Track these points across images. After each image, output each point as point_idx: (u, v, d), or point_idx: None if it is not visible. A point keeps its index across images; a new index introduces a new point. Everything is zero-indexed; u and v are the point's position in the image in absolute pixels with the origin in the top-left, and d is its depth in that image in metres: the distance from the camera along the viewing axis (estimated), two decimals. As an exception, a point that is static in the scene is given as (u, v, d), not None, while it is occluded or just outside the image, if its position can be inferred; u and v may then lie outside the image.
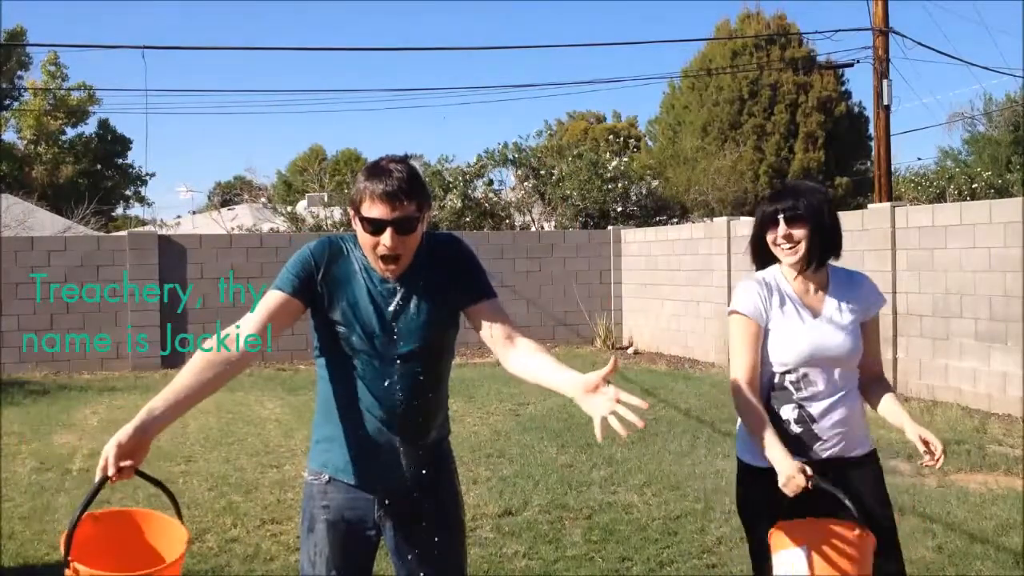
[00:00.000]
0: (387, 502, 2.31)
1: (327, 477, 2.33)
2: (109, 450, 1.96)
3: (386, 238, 2.19)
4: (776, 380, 2.65)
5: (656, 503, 5.38)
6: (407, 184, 2.19)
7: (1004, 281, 8.13)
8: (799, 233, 2.60)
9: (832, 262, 2.73)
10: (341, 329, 2.26)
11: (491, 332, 2.30)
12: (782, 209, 2.62)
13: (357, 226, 2.24)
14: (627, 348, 13.84)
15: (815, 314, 2.66)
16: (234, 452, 6.94)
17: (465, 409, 8.70)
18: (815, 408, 2.63)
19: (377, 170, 2.22)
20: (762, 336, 2.63)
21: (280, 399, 9.69)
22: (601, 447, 6.86)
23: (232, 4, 74.85)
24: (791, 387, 2.64)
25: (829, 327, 2.65)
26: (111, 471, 1.95)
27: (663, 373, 11.24)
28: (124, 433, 1.96)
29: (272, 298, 2.23)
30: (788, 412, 2.64)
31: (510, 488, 5.72)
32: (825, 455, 2.62)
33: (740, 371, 2.60)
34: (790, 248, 2.62)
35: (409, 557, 2.34)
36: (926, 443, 2.58)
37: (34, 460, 6.76)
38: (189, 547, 2.10)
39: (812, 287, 2.70)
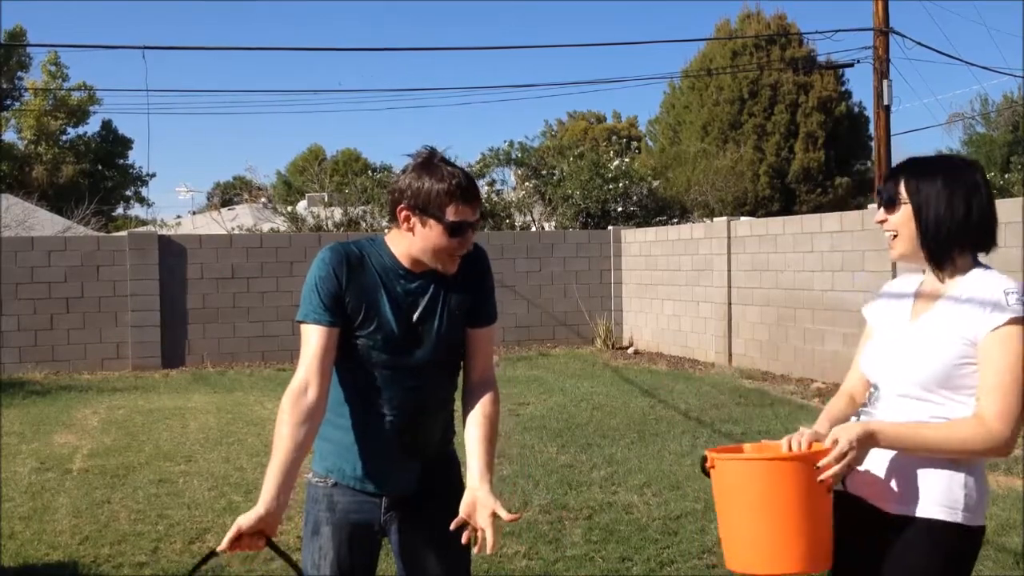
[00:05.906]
0: (393, 505, 2.30)
1: (333, 481, 2.31)
2: (241, 521, 2.01)
3: (468, 239, 2.19)
4: None
5: (656, 503, 5.38)
6: (475, 184, 2.20)
7: (1004, 281, 8.09)
8: None
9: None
10: (362, 340, 2.22)
11: (471, 361, 2.34)
12: None
13: (430, 229, 2.15)
14: (627, 348, 13.83)
15: None
16: (234, 452, 6.93)
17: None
18: None
19: (438, 170, 2.15)
20: None
21: (280, 399, 9.66)
22: (601, 447, 6.87)
23: (232, 4, 74.89)
24: None
25: None
26: (225, 543, 2.00)
27: (663, 373, 11.24)
28: (253, 515, 2.02)
29: (318, 335, 2.19)
30: None
31: (510, 488, 5.71)
32: None
33: None
34: None
35: (413, 559, 2.33)
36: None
37: (34, 460, 6.75)
38: None
39: None
